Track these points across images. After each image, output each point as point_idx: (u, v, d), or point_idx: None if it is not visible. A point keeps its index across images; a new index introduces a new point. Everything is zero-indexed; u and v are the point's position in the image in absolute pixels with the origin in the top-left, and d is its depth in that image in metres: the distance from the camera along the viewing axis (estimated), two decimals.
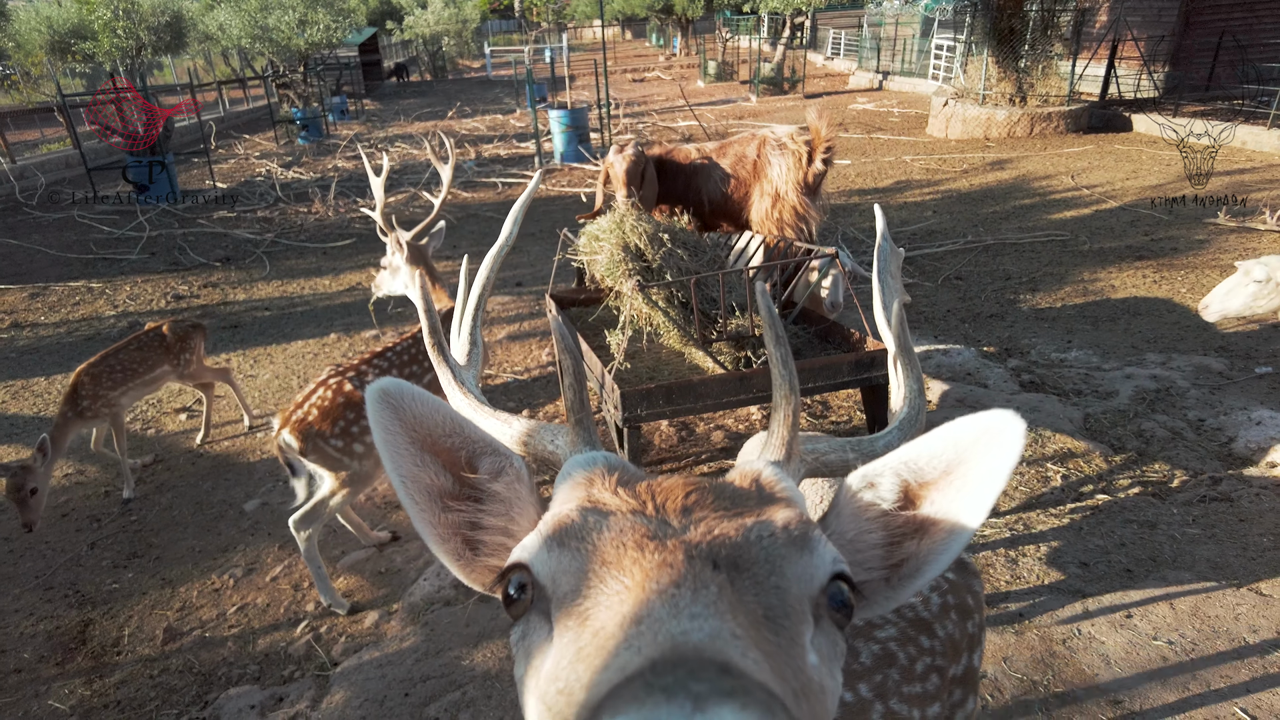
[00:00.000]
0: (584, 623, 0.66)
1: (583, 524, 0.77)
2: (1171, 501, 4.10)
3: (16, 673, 3.54)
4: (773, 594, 0.69)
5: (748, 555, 0.71)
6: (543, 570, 0.76)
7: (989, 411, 0.83)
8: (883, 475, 0.92)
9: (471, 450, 0.99)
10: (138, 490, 4.88)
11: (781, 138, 5.51)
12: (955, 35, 19.79)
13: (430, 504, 0.96)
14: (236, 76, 24.98)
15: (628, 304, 3.75)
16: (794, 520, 0.77)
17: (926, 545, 0.89)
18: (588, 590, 0.69)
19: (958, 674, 1.72)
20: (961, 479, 0.86)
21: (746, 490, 0.85)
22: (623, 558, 0.70)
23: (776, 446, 0.98)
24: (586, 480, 0.87)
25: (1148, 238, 8.53)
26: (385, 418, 0.94)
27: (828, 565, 0.76)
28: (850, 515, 0.94)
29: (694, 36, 39.76)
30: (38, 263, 9.74)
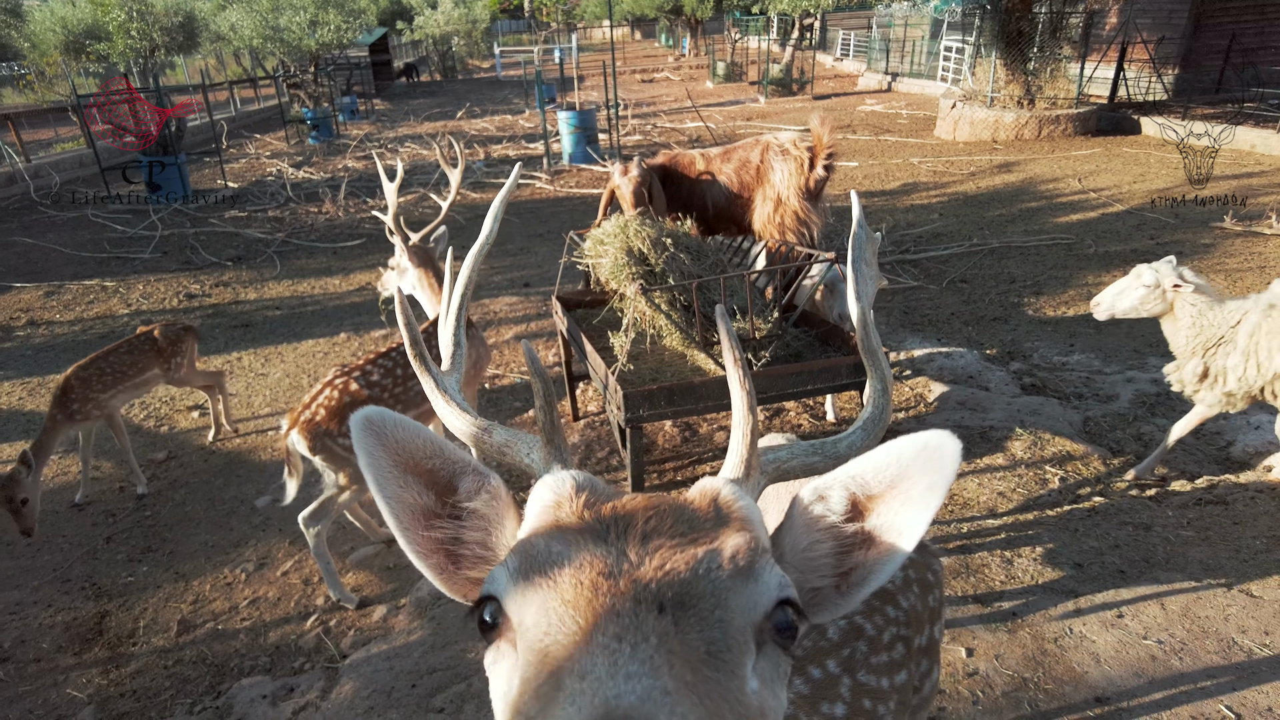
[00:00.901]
0: (542, 660, 0.73)
1: (546, 556, 0.82)
2: (1167, 504, 4.15)
3: (36, 662, 3.65)
4: (716, 628, 0.75)
5: (695, 590, 0.77)
6: (510, 602, 0.82)
7: (928, 431, 0.90)
8: (832, 489, 0.98)
9: (452, 471, 1.04)
10: (152, 486, 4.98)
11: (784, 143, 5.59)
12: (964, 37, 19.80)
13: (414, 523, 1.01)
14: (248, 76, 25.18)
15: (631, 307, 3.82)
16: (742, 549, 0.82)
17: (873, 555, 0.95)
18: (547, 626, 0.75)
19: (922, 644, 1.81)
20: (905, 493, 0.92)
21: (704, 512, 0.89)
22: (579, 598, 0.76)
23: (736, 465, 1.03)
24: (555, 503, 0.92)
25: (1153, 241, 8.55)
26: (369, 444, 1.00)
27: (772, 592, 0.81)
28: (803, 527, 0.99)
29: (703, 37, 39.79)
30: (52, 261, 9.89)
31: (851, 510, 0.98)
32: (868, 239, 1.52)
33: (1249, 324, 3.82)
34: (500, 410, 5.73)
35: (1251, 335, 3.79)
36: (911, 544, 0.92)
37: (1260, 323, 3.78)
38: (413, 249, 4.58)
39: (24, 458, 4.23)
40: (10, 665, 3.63)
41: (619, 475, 4.74)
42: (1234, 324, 3.88)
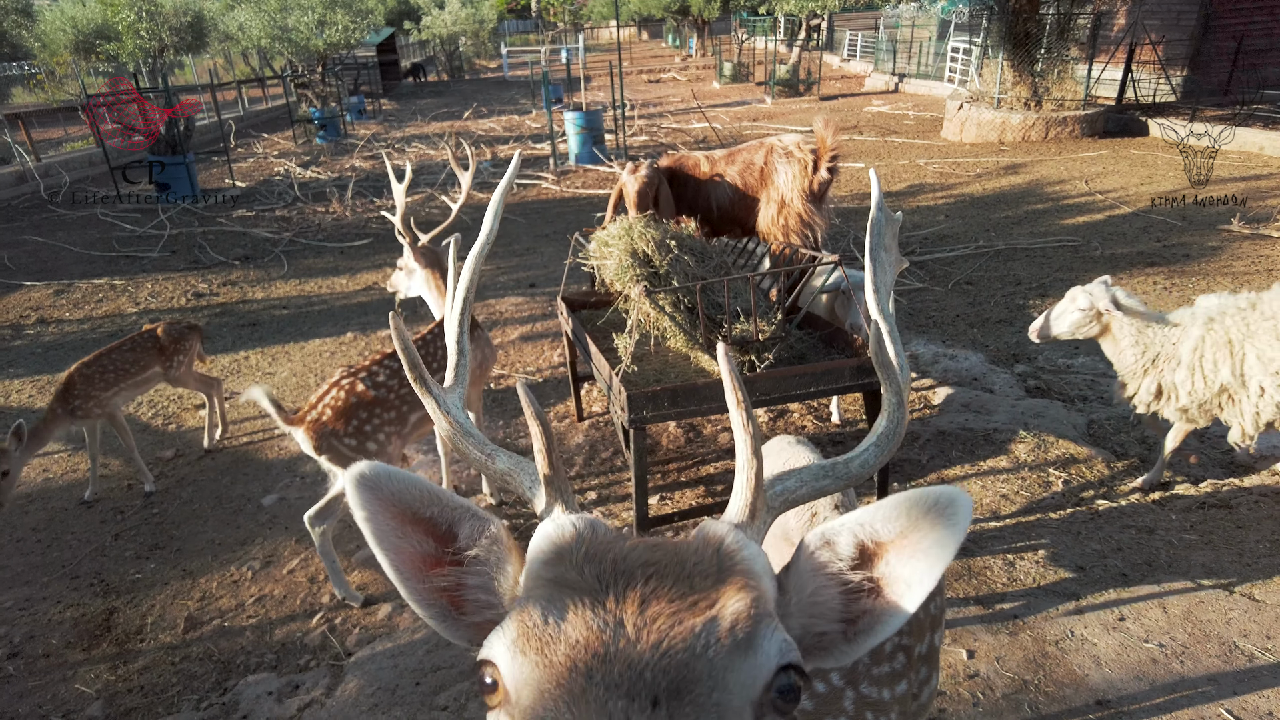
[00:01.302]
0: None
1: (543, 629, 0.83)
2: (1171, 508, 4.15)
3: (46, 657, 3.69)
4: (712, 713, 0.75)
5: (692, 673, 0.77)
6: (507, 675, 0.83)
7: (941, 487, 0.90)
8: (840, 534, 0.96)
9: (451, 518, 1.03)
10: (159, 484, 5.03)
11: (788, 146, 5.61)
12: (971, 38, 19.76)
13: (415, 572, 1.01)
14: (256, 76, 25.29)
15: (635, 308, 3.84)
16: (742, 616, 0.82)
17: (881, 604, 0.94)
18: (542, 711, 0.77)
19: (922, 652, 1.81)
20: (914, 545, 0.91)
21: (706, 565, 0.88)
22: (573, 685, 0.77)
23: (740, 509, 1.01)
24: (555, 555, 0.91)
25: (1160, 244, 8.54)
26: (365, 498, 0.99)
27: (772, 661, 0.81)
28: (809, 571, 0.98)
29: (710, 37, 39.81)
30: (62, 260, 9.96)
31: (860, 557, 0.96)
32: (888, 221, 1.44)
33: (1191, 339, 3.84)
34: (505, 410, 5.76)
35: (1195, 350, 3.82)
36: (919, 599, 0.91)
37: (1203, 336, 3.80)
38: (421, 250, 4.61)
39: (17, 429, 4.28)
40: (20, 660, 3.67)
41: (623, 475, 4.76)
42: (1175, 340, 3.91)
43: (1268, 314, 3.68)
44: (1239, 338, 3.71)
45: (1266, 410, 3.70)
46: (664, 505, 4.51)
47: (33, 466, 5.34)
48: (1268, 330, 3.65)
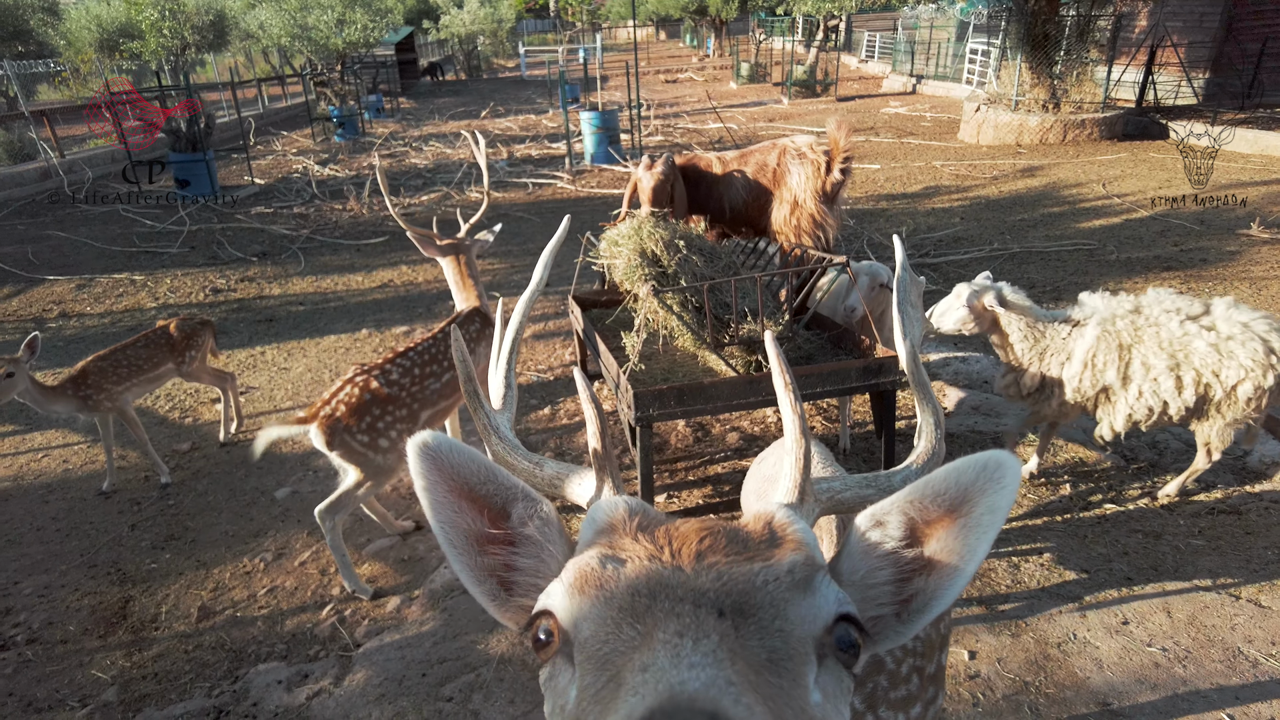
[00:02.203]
0: (601, 666, 0.74)
1: (601, 571, 0.83)
2: (1179, 513, 4.14)
3: (63, 643, 3.77)
4: (776, 637, 0.75)
5: (753, 600, 0.77)
6: (565, 617, 0.83)
7: (985, 454, 0.89)
8: (890, 514, 0.96)
9: (505, 497, 1.05)
10: (175, 476, 5.11)
11: (801, 147, 5.63)
12: (990, 39, 19.64)
13: (467, 548, 1.02)
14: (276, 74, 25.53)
15: (643, 307, 3.88)
16: (800, 564, 0.83)
17: (933, 581, 0.93)
18: (605, 635, 0.76)
19: (932, 672, 1.81)
20: (964, 516, 0.90)
21: (759, 535, 0.90)
22: (636, 605, 0.77)
23: (789, 490, 1.03)
24: (608, 526, 0.93)
25: (1177, 248, 8.47)
26: (425, 468, 1.00)
27: (831, 607, 0.81)
28: (860, 554, 0.97)
29: (728, 38, 39.75)
30: (84, 255, 10.12)
31: (910, 536, 0.96)
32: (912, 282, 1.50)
33: (1087, 338, 3.91)
34: (518, 407, 5.80)
35: (1089, 349, 3.89)
36: (973, 568, 0.91)
37: (1098, 336, 3.88)
38: (443, 243, 4.65)
39: (31, 341, 4.42)
40: (39, 646, 3.75)
41: (631, 474, 4.80)
42: (1065, 336, 4.00)
43: (1151, 320, 3.81)
44: (1129, 341, 3.82)
45: (1139, 412, 3.84)
46: (671, 504, 4.54)
47: (53, 457, 5.46)
48: (1151, 337, 3.77)
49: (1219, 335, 3.68)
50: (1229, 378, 3.65)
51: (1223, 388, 3.68)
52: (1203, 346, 3.67)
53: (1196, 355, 3.67)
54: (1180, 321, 3.75)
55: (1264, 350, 3.62)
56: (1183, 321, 3.75)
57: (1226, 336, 3.66)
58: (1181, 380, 3.70)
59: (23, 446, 5.63)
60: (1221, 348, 3.65)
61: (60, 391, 4.62)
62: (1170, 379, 3.72)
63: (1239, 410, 3.75)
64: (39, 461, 5.43)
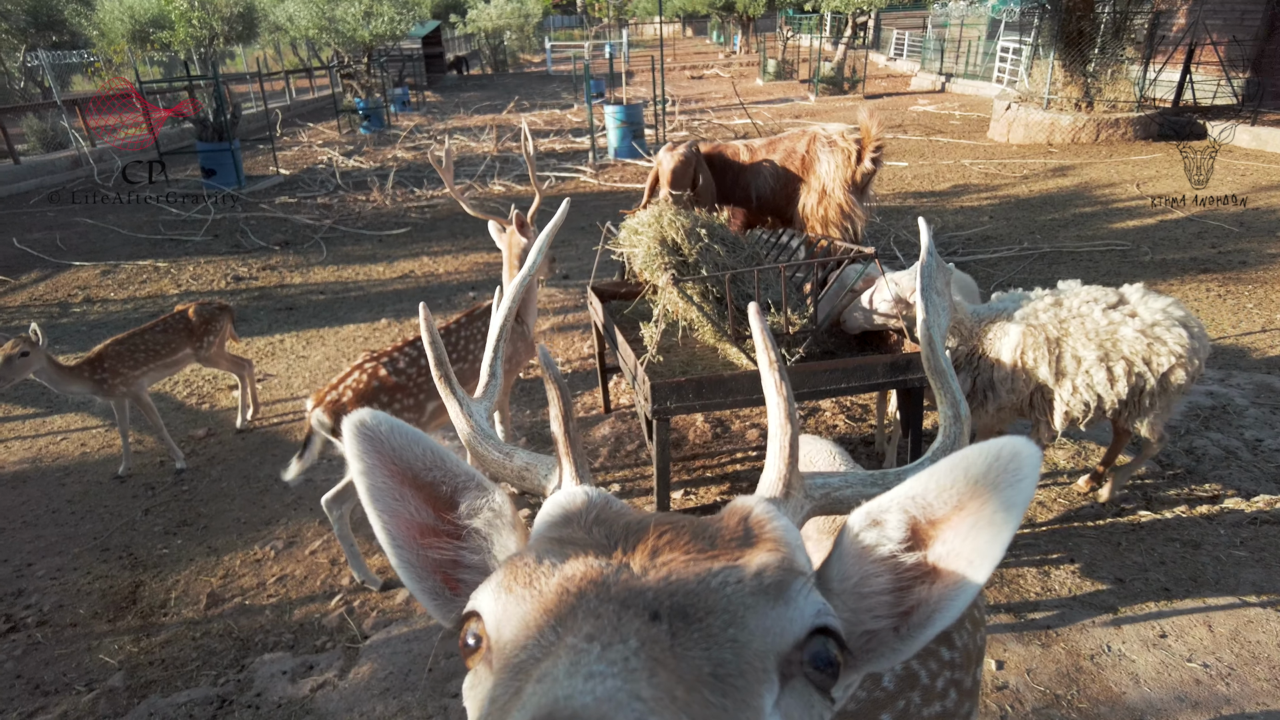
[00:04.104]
0: (512, 676, 0.64)
1: (535, 568, 0.73)
2: (1219, 522, 3.96)
3: (73, 626, 3.74)
4: (727, 648, 0.64)
5: (702, 603, 0.67)
6: (490, 620, 0.73)
7: (1000, 439, 0.77)
8: (888, 513, 0.84)
9: (454, 485, 0.95)
10: (190, 462, 5.09)
11: (832, 135, 5.49)
12: (1022, 37, 19.28)
13: (409, 541, 0.93)
14: (303, 66, 25.69)
15: (662, 297, 3.77)
16: (772, 566, 0.72)
17: (938, 590, 0.81)
18: (523, 640, 0.67)
19: (969, 686, 1.68)
20: (974, 515, 0.78)
21: (731, 531, 0.79)
22: (561, 605, 0.67)
23: (773, 482, 0.91)
24: (563, 518, 0.84)
25: (1215, 250, 8.22)
26: (363, 449, 0.90)
27: (806, 619, 0.70)
28: (853, 557, 0.85)
29: (755, 35, 39.49)
30: (110, 241, 10.20)
31: (911, 537, 0.84)
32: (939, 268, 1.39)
33: (1012, 338, 3.73)
34: (532, 399, 5.73)
35: (1017, 348, 3.71)
36: (984, 575, 0.78)
37: (1024, 332, 3.70)
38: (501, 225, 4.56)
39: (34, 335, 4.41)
40: (48, 628, 3.73)
41: (647, 469, 4.70)
42: (992, 337, 3.81)
43: (1073, 311, 3.66)
44: (1055, 335, 3.65)
45: (1076, 408, 3.66)
46: (687, 500, 4.43)
47: (71, 440, 5.46)
48: (1077, 328, 3.62)
49: (1143, 322, 3.55)
50: (1160, 366, 3.51)
51: (1155, 376, 3.53)
52: (1130, 334, 3.53)
53: (1125, 343, 3.53)
54: (1103, 310, 3.62)
55: (1187, 335, 3.51)
56: (1105, 310, 3.62)
57: (1151, 323, 3.53)
58: (1113, 372, 3.55)
59: (42, 429, 5.65)
60: (1149, 333, 3.52)
61: (76, 373, 4.60)
62: (1102, 370, 3.56)
63: (1171, 399, 3.63)
64: (57, 444, 5.43)
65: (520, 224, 4.44)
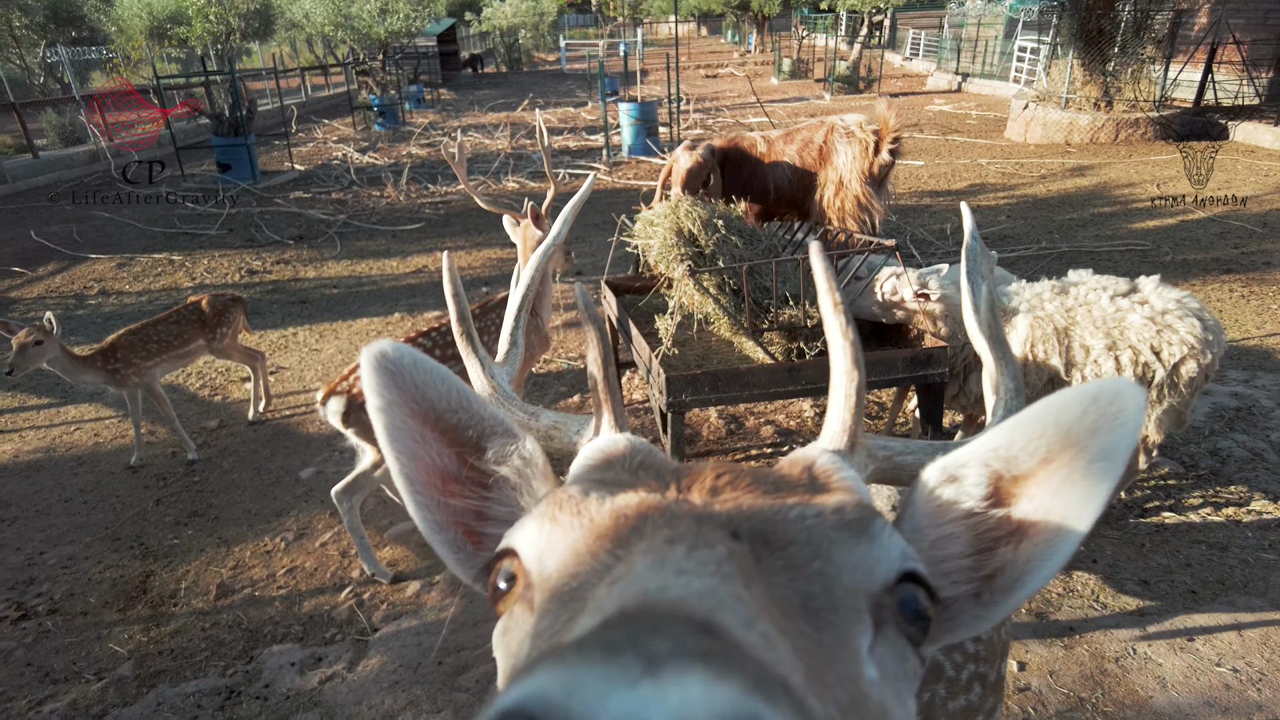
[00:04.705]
0: (563, 604, 0.57)
1: (583, 499, 0.67)
2: (1247, 525, 3.87)
3: (83, 615, 3.73)
4: (815, 581, 0.58)
5: (782, 533, 0.60)
6: (531, 552, 0.66)
7: (1099, 380, 0.69)
8: (967, 467, 0.77)
9: (480, 429, 0.88)
10: (202, 453, 5.07)
11: (850, 125, 5.42)
12: (1040, 37, 19.11)
13: (429, 487, 0.86)
14: (319, 63, 25.79)
15: (678, 289, 3.72)
16: (850, 504, 0.66)
17: (1026, 551, 0.74)
18: (575, 566, 0.60)
19: (993, 680, 1.63)
20: (1068, 466, 0.70)
21: (795, 478, 0.73)
22: (620, 528, 0.60)
23: (837, 433, 0.83)
24: (604, 461, 0.77)
25: (1237, 250, 8.09)
26: (382, 384, 0.83)
27: (894, 560, 0.63)
28: (928, 516, 0.78)
29: (770, 34, 39.35)
30: (126, 235, 10.24)
31: (993, 494, 0.77)
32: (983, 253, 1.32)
33: (1020, 329, 3.68)
34: (545, 394, 5.69)
35: (1026, 341, 3.65)
36: (1079, 534, 0.71)
37: (1032, 324, 3.65)
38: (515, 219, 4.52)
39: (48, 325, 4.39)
40: (59, 617, 3.72)
41: None
42: None
43: (1080, 300, 3.60)
44: (1063, 324, 3.58)
45: None
46: None
47: (85, 430, 5.46)
48: (1084, 316, 3.55)
49: (1153, 309, 3.47)
50: (1171, 356, 3.41)
51: (1164, 367, 3.44)
52: (1138, 320, 3.45)
53: (1133, 331, 3.45)
54: (1111, 298, 3.55)
55: (1200, 327, 3.41)
56: (1113, 298, 3.55)
57: (1162, 311, 3.45)
58: (1119, 361, 3.48)
59: (56, 419, 5.65)
60: (1158, 320, 3.43)
61: (89, 363, 4.59)
62: (1109, 360, 3.49)
63: (1181, 394, 3.52)
64: (71, 434, 5.43)
65: (535, 216, 4.40)
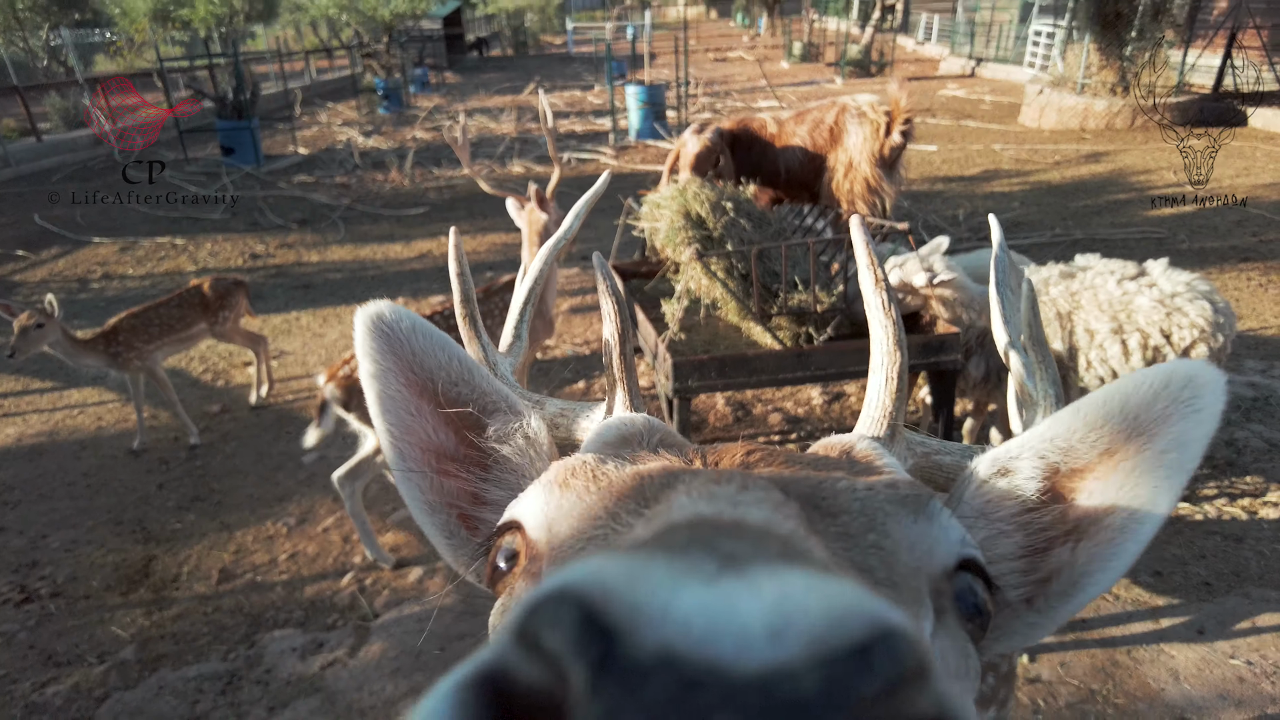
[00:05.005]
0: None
1: (599, 464, 0.60)
2: (1263, 516, 3.80)
3: (85, 599, 3.71)
4: (872, 554, 0.50)
5: (834, 500, 0.53)
6: (538, 522, 0.60)
7: (1171, 363, 0.63)
8: (1020, 459, 0.70)
9: (481, 405, 0.81)
10: (204, 437, 5.05)
11: (861, 106, 5.33)
12: (1056, 20, 18.84)
13: (422, 464, 0.79)
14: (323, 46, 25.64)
15: (685, 273, 3.65)
16: (902, 481, 0.59)
17: (1086, 552, 0.67)
18: (591, 529, 0.52)
19: (1006, 671, 1.61)
20: (1134, 458, 0.64)
21: (834, 460, 0.67)
22: (644, 488, 0.52)
23: (877, 419, 0.76)
24: (619, 438, 0.70)
25: (1255, 239, 7.96)
26: (377, 349, 0.76)
27: (953, 544, 0.56)
28: (977, 512, 0.71)
29: (780, 17, 38.94)
30: (130, 219, 10.21)
31: (1049, 489, 0.70)
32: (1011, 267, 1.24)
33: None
34: (550, 380, 5.64)
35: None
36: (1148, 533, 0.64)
37: None
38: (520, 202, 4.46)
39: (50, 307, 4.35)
40: (62, 600, 3.71)
41: None
42: None
43: (1086, 283, 3.53)
44: (1067, 309, 3.51)
45: (1092, 385, 3.49)
46: None
47: (88, 414, 5.44)
48: (1090, 300, 3.47)
49: (1162, 292, 3.38)
50: (1182, 339, 3.33)
51: (1175, 351, 3.36)
52: (1146, 304, 3.36)
53: (1141, 314, 3.37)
54: (1118, 281, 3.47)
55: (1211, 309, 3.33)
56: (1120, 281, 3.47)
57: (1171, 294, 3.37)
58: (1127, 345, 3.40)
59: (59, 403, 5.63)
60: (1168, 303, 3.35)
61: (91, 346, 4.56)
62: (1116, 344, 3.41)
63: None
64: (74, 418, 5.42)
65: (539, 200, 4.33)
